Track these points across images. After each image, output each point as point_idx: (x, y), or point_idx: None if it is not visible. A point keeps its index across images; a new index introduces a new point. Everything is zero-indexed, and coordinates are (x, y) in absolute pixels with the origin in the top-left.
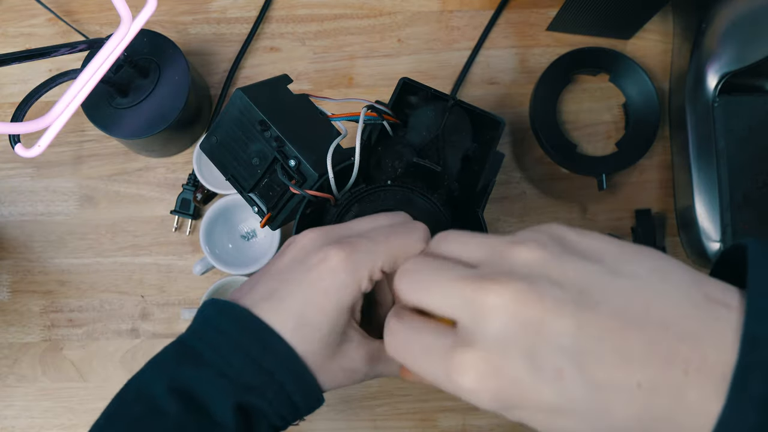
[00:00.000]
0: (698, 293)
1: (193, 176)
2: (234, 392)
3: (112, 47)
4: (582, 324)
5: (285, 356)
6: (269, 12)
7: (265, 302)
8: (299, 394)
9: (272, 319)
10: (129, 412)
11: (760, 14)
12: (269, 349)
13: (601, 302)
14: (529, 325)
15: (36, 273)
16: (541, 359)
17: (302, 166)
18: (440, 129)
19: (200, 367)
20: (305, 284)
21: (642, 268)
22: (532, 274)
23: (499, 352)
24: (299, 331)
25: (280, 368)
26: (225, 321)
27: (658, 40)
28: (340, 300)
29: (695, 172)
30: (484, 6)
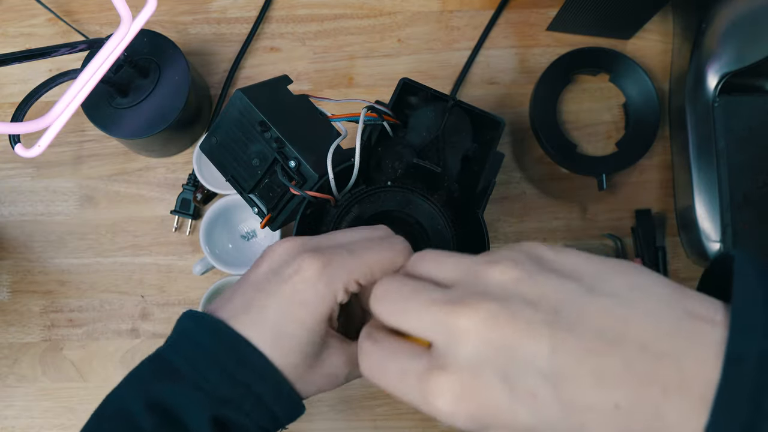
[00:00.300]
0: (679, 309)
1: (193, 176)
2: (210, 405)
3: (112, 47)
4: (556, 345)
5: (262, 369)
6: (269, 12)
7: (241, 315)
8: (278, 405)
9: (249, 331)
10: (106, 429)
11: (760, 14)
12: (245, 362)
13: (577, 322)
14: (502, 348)
15: (36, 273)
16: (515, 381)
17: (302, 167)
18: (440, 129)
19: (176, 381)
20: (280, 296)
21: (621, 285)
22: (505, 294)
23: (473, 374)
24: (277, 344)
25: (257, 381)
26: (201, 334)
27: (658, 40)
28: (316, 311)
29: (695, 172)
30: (484, 6)
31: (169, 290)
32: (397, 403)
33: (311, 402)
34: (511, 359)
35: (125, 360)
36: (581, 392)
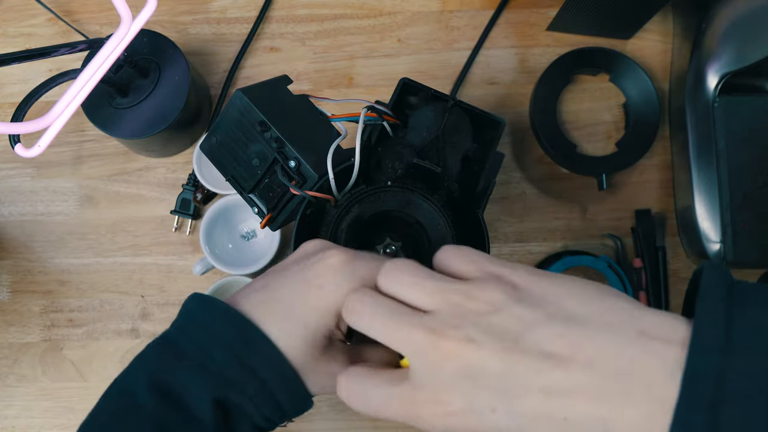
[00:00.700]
0: (632, 331)
1: (193, 176)
2: (213, 387)
3: (112, 47)
4: (512, 367)
5: (269, 354)
6: (269, 12)
7: (255, 293)
8: (283, 393)
9: (258, 311)
10: (110, 407)
11: (760, 14)
12: (252, 345)
13: (533, 347)
14: (470, 373)
15: (36, 273)
16: (479, 399)
17: (302, 167)
18: (440, 129)
19: (180, 360)
20: (300, 279)
21: (582, 308)
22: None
23: (446, 395)
24: (285, 325)
25: (263, 365)
26: (207, 315)
27: (658, 40)
28: (330, 299)
29: (695, 172)
30: (484, 6)
31: (169, 290)
32: None
33: None
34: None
35: (125, 360)
36: (533, 406)
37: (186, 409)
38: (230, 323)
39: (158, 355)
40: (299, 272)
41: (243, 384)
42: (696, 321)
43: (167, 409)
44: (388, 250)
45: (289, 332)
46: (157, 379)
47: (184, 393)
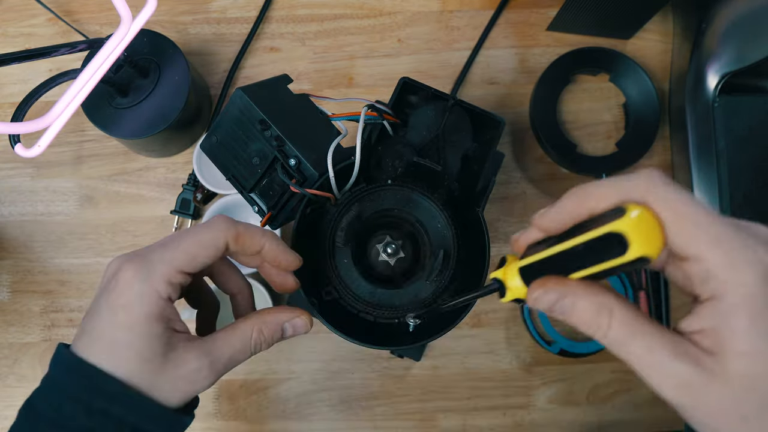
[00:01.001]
0: None
1: (193, 176)
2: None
3: (112, 47)
4: None
5: (112, 390)
6: (269, 12)
7: (82, 337)
8: (146, 422)
9: (89, 352)
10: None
11: (760, 14)
12: (95, 387)
13: None
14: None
15: (36, 273)
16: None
17: (302, 166)
18: (440, 129)
19: (37, 423)
20: (107, 308)
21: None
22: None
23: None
24: (113, 355)
25: (113, 404)
26: (56, 368)
27: (658, 40)
28: (142, 312)
29: (695, 172)
30: (484, 6)
31: None
32: (397, 404)
33: (311, 402)
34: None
35: None
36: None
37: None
38: (72, 373)
39: (22, 423)
40: (104, 303)
41: (101, 429)
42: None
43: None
44: (389, 249)
45: (121, 360)
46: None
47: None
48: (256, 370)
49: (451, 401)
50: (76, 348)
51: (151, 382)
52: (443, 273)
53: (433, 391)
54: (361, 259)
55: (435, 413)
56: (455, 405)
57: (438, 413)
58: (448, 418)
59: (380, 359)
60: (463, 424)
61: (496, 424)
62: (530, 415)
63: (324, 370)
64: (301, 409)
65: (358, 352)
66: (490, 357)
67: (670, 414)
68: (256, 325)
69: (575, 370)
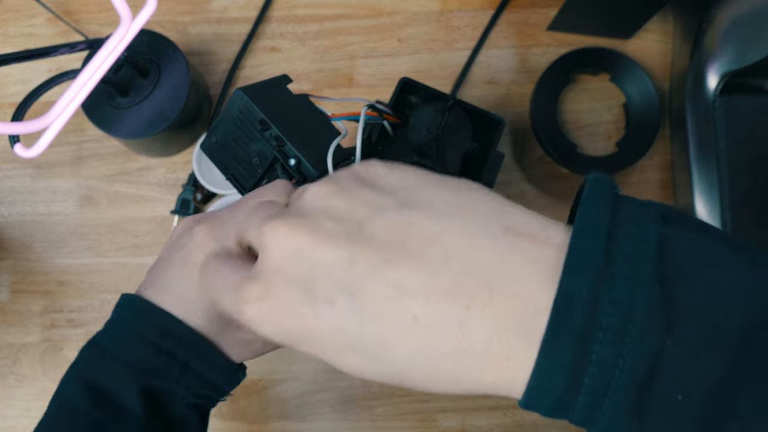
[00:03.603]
0: (497, 225)
1: (192, 176)
2: (137, 377)
3: (112, 47)
4: (354, 256)
5: (183, 335)
6: (269, 12)
7: (151, 287)
8: (208, 370)
9: (161, 302)
10: (50, 416)
11: (760, 14)
12: (165, 330)
13: (379, 235)
14: (304, 258)
15: (36, 273)
16: (314, 289)
17: (302, 166)
18: (440, 129)
19: (104, 359)
20: (179, 263)
21: (440, 200)
22: (313, 210)
23: (277, 282)
24: (182, 307)
25: (180, 347)
26: (124, 311)
27: (658, 40)
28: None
29: (695, 172)
30: (484, 6)
31: None
32: (397, 404)
33: (311, 402)
34: (311, 269)
35: None
36: (377, 302)
37: (115, 404)
38: (143, 315)
39: (86, 358)
40: (177, 256)
41: (165, 369)
42: (573, 237)
43: (98, 407)
44: None
45: (190, 311)
46: (87, 380)
47: (111, 388)
48: (256, 370)
49: (451, 401)
50: (145, 293)
51: (216, 339)
52: None
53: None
54: None
55: (435, 413)
56: (455, 405)
57: (438, 413)
58: (448, 418)
59: None
60: (463, 424)
61: (496, 424)
62: (530, 415)
63: (324, 370)
64: (301, 409)
65: None
66: None
67: None
68: None
69: None
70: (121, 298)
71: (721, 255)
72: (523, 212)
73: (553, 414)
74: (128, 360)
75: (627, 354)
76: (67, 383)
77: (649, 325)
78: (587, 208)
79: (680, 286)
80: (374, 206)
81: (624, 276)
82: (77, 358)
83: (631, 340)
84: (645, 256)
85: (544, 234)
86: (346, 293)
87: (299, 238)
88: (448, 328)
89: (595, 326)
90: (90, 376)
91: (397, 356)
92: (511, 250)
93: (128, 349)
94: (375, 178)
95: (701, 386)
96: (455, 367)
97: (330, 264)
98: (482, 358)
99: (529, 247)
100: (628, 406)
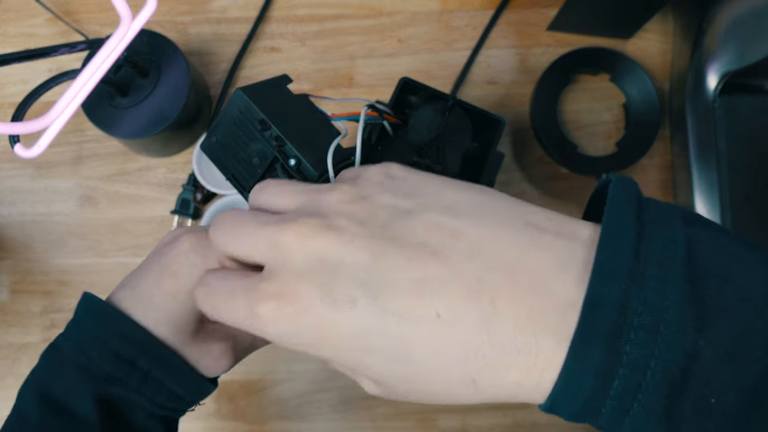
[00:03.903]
0: (519, 221)
1: (192, 176)
2: (94, 385)
3: (112, 47)
4: (377, 255)
5: (144, 343)
6: (269, 12)
7: (121, 290)
8: (172, 381)
9: (127, 306)
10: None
11: (760, 14)
12: (127, 338)
13: (402, 235)
14: (325, 260)
15: (36, 273)
16: (334, 290)
17: (302, 166)
18: (440, 129)
19: (62, 365)
20: (156, 269)
21: (461, 201)
22: (335, 213)
23: (295, 283)
24: (150, 316)
25: (141, 356)
26: (85, 315)
27: (658, 40)
28: (189, 282)
29: (695, 172)
30: (484, 6)
31: None
32: (397, 404)
33: (311, 402)
34: (332, 270)
35: None
36: (399, 300)
37: (69, 413)
38: (104, 319)
39: (45, 364)
40: (155, 263)
41: (124, 377)
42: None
43: (50, 416)
44: None
45: (157, 321)
46: (43, 389)
47: (66, 397)
48: (256, 370)
49: None
50: (114, 298)
51: (182, 350)
52: None
53: None
54: None
55: (435, 413)
56: (455, 405)
57: (438, 413)
58: (447, 418)
59: None
60: (463, 424)
61: (496, 424)
62: (530, 415)
63: (324, 370)
64: (301, 409)
65: None
66: None
67: None
68: None
69: None
70: (82, 297)
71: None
72: (544, 210)
73: (576, 418)
74: (86, 366)
75: (659, 354)
76: (22, 392)
77: (682, 325)
78: (614, 207)
79: (710, 286)
80: (396, 209)
81: (655, 276)
82: (38, 363)
83: (664, 339)
84: (674, 257)
85: (568, 230)
86: (369, 293)
87: (321, 239)
88: (471, 324)
89: (626, 326)
90: (46, 383)
91: (417, 354)
92: (535, 244)
93: (86, 355)
94: (395, 181)
95: (736, 387)
96: (477, 364)
97: (352, 264)
98: (507, 355)
99: (553, 242)
100: (659, 409)
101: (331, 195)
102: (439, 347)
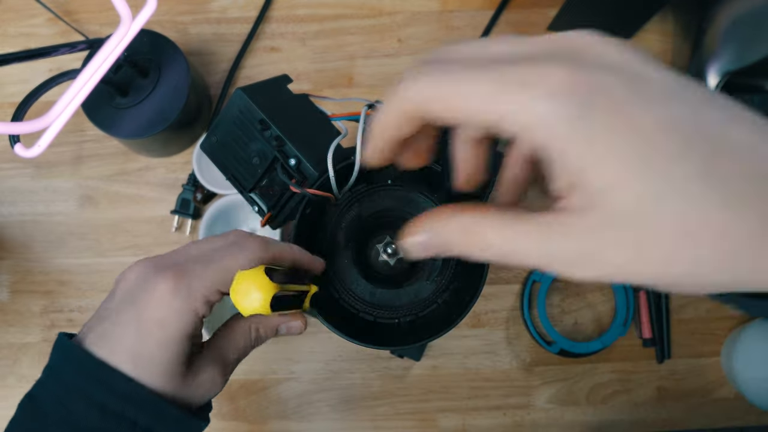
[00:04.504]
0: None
1: (192, 176)
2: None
3: (112, 47)
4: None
5: (131, 393)
6: (269, 12)
7: (97, 341)
8: (162, 426)
9: (107, 355)
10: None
11: (760, 14)
12: (112, 389)
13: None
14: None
15: (36, 273)
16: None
17: (302, 166)
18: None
19: (43, 421)
20: (136, 319)
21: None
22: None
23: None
24: (138, 366)
25: (129, 406)
26: (64, 364)
27: (658, 40)
28: (177, 329)
29: None
30: (484, 6)
31: None
32: (397, 404)
33: (311, 402)
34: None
35: None
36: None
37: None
38: (85, 370)
39: (23, 420)
40: (133, 313)
41: (112, 429)
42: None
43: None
44: (389, 249)
45: (144, 368)
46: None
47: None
48: (256, 370)
49: (451, 401)
50: (91, 346)
51: (172, 393)
52: (444, 273)
53: (433, 391)
54: (361, 259)
55: (435, 413)
56: (455, 405)
57: (438, 413)
58: (448, 418)
59: (380, 359)
60: (463, 424)
61: (496, 424)
62: (530, 415)
63: (324, 370)
64: (301, 409)
65: (358, 352)
66: (490, 357)
67: (670, 414)
68: (253, 324)
69: (575, 370)
70: (57, 342)
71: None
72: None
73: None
74: (69, 420)
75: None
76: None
77: None
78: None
79: None
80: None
81: None
82: (15, 416)
83: None
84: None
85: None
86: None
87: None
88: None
89: None
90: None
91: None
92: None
93: (69, 409)
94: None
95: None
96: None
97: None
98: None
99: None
100: None
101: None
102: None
